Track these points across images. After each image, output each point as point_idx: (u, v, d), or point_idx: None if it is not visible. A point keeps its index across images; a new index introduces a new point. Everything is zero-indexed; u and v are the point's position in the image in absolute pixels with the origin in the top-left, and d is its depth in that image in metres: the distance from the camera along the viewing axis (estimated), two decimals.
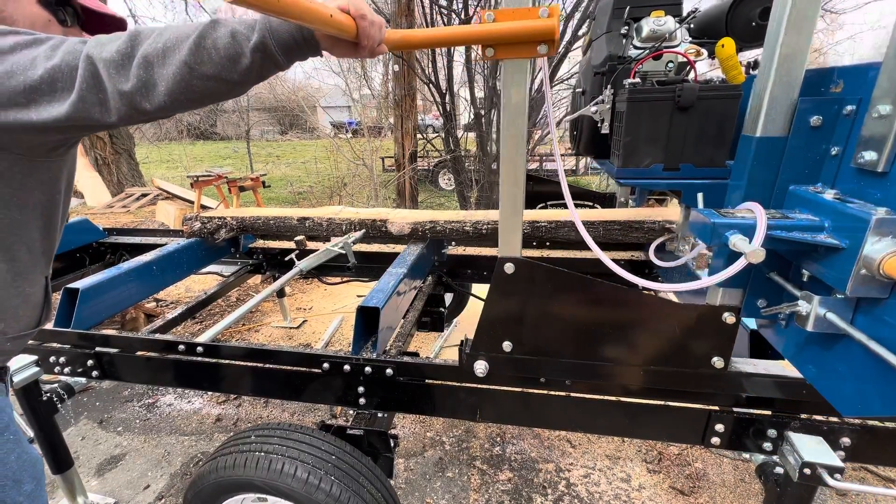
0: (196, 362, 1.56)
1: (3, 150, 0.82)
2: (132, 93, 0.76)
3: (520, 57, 0.96)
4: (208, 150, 18.63)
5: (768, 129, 1.00)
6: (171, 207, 7.02)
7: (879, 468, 2.08)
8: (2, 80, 0.74)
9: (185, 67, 0.76)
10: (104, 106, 0.77)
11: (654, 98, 1.34)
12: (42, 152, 0.88)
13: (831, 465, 1.09)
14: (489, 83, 6.00)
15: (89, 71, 0.75)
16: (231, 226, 2.28)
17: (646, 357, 1.17)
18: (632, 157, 1.40)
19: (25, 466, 0.98)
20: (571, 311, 1.17)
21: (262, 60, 0.78)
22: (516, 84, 1.00)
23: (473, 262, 2.36)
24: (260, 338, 3.38)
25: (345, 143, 8.87)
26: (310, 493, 1.21)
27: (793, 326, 1.03)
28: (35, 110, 0.76)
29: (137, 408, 2.62)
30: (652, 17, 1.53)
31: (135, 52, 0.76)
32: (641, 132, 1.37)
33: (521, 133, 1.02)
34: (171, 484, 2.09)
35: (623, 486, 2.04)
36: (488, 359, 1.26)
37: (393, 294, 1.55)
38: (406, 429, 2.41)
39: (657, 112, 1.35)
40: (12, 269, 0.92)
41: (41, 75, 0.74)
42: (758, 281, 1.07)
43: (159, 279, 2.07)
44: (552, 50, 0.92)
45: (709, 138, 1.34)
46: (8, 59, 0.74)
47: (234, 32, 0.77)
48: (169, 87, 0.76)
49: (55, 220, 1.00)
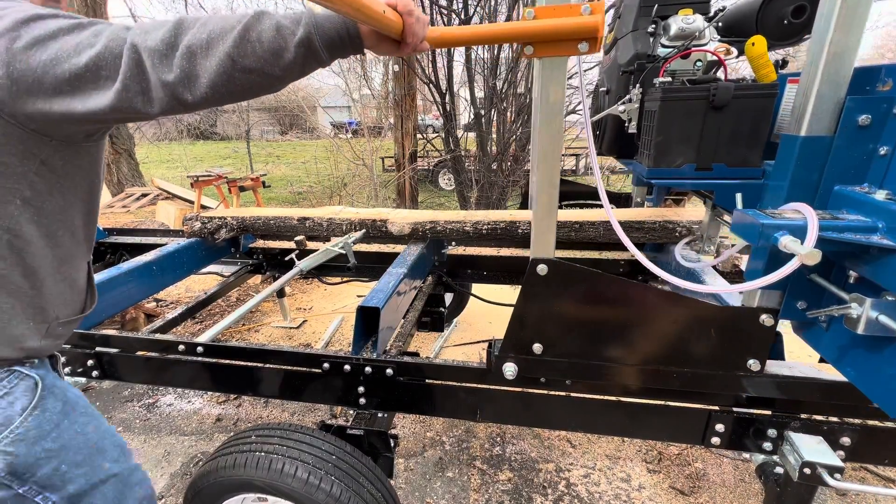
0: (196, 362, 1.56)
1: (45, 137, 0.82)
2: (175, 83, 0.75)
3: (560, 55, 0.93)
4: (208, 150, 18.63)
5: (813, 128, 0.98)
6: (171, 207, 7.02)
7: (879, 468, 2.08)
8: (47, 67, 0.73)
9: (229, 60, 0.74)
10: (146, 96, 0.76)
11: (688, 97, 1.32)
12: (80, 138, 0.88)
13: (831, 465, 1.09)
14: (489, 83, 5.99)
15: (133, 60, 0.73)
16: (231, 226, 2.28)
17: (680, 359, 1.16)
18: (663, 157, 1.39)
19: (105, 436, 1.01)
20: (606, 312, 1.16)
21: (306, 56, 0.77)
22: (555, 82, 0.98)
23: (473, 262, 2.36)
24: (260, 338, 3.38)
25: (345, 143, 8.86)
26: (310, 493, 1.21)
27: (834, 328, 1.02)
28: (79, 99, 0.75)
29: (137, 408, 2.62)
30: (680, 16, 1.52)
31: (179, 41, 0.74)
32: (674, 132, 1.35)
33: (557, 132, 1.01)
34: (171, 484, 2.09)
35: (623, 486, 2.04)
36: (517, 361, 1.25)
37: (393, 294, 1.55)
38: (406, 429, 2.41)
39: (690, 111, 1.33)
40: (58, 255, 0.93)
41: (86, 63, 0.73)
42: (797, 282, 1.05)
43: (159, 279, 2.07)
44: (593, 48, 0.89)
45: (743, 138, 1.33)
46: (51, 46, 0.73)
47: (279, 26, 0.75)
48: (211, 79, 0.75)
49: (95, 205, 1.00)
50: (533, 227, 1.11)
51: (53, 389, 0.94)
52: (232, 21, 0.75)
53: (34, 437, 0.88)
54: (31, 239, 0.87)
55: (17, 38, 0.72)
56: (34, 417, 0.89)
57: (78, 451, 0.94)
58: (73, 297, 1.00)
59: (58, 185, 0.88)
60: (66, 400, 0.96)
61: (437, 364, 1.41)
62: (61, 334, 1.00)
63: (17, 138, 0.79)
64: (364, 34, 0.79)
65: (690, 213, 1.85)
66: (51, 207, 0.88)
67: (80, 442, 0.95)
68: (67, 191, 0.91)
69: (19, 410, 0.87)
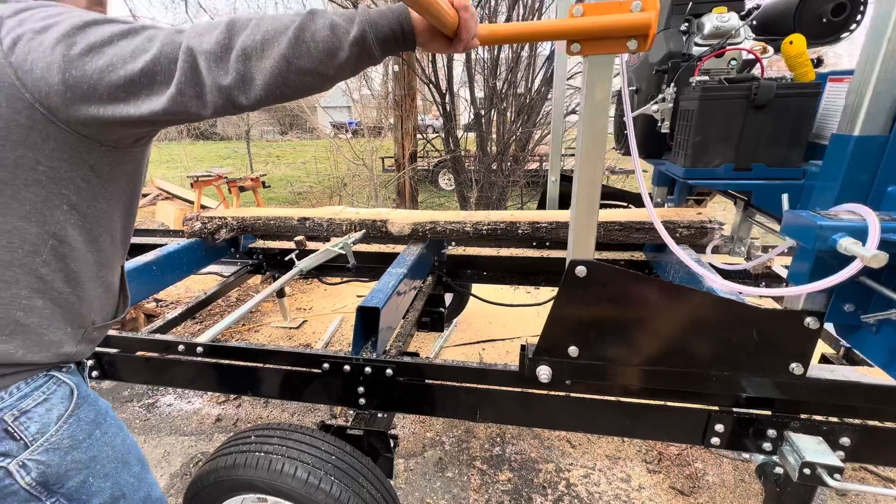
0: (196, 362, 1.56)
1: (95, 143, 0.81)
2: (230, 87, 0.74)
3: (607, 53, 0.91)
4: (208, 150, 18.63)
5: (867, 127, 0.96)
6: (171, 207, 7.02)
7: (879, 468, 2.08)
8: (103, 74, 0.72)
9: (284, 61, 0.73)
10: (201, 99, 0.75)
11: (728, 96, 1.30)
12: (129, 142, 0.87)
13: (831, 465, 1.09)
14: (489, 83, 5.99)
15: (189, 64, 0.73)
16: (231, 226, 2.28)
17: (720, 363, 1.14)
18: (701, 157, 1.37)
19: (131, 449, 0.99)
20: (647, 315, 1.14)
21: (360, 55, 0.77)
22: (601, 81, 0.96)
23: (473, 262, 2.36)
24: (260, 338, 3.38)
25: (345, 143, 8.86)
26: (310, 494, 1.21)
27: (885, 331, 1.01)
28: (133, 104, 0.75)
29: (137, 408, 2.62)
30: (714, 14, 1.50)
31: (233, 43, 0.74)
32: (713, 131, 1.33)
33: (601, 132, 0.99)
34: (170, 484, 2.09)
35: (623, 486, 2.04)
36: (552, 364, 1.23)
37: (393, 294, 1.55)
38: (406, 429, 2.41)
39: (730, 110, 1.31)
40: (98, 260, 0.92)
41: (141, 68, 0.72)
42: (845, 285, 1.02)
43: (159, 279, 2.07)
44: (643, 45, 0.87)
45: (784, 137, 1.31)
46: (107, 52, 0.72)
47: (334, 25, 0.74)
48: (266, 81, 0.75)
49: (135, 209, 1.00)
50: (572, 229, 1.08)
51: (87, 398, 0.92)
52: (285, 21, 0.75)
53: (67, 447, 0.86)
54: (75, 244, 0.86)
55: (74, 44, 0.72)
56: (68, 426, 0.87)
57: (106, 464, 0.92)
58: (108, 302, 0.99)
59: (103, 191, 0.87)
60: (99, 409, 0.94)
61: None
62: (95, 339, 0.99)
63: (69, 144, 0.78)
64: (418, 30, 0.78)
65: (691, 214, 1.85)
66: (95, 212, 0.87)
67: (108, 454, 0.93)
68: (112, 196, 0.90)
69: (55, 418, 0.85)
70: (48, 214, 0.81)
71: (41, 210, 0.79)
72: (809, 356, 1.10)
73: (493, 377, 1.36)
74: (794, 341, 1.09)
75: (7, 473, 0.81)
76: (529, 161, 7.06)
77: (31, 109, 0.73)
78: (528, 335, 3.31)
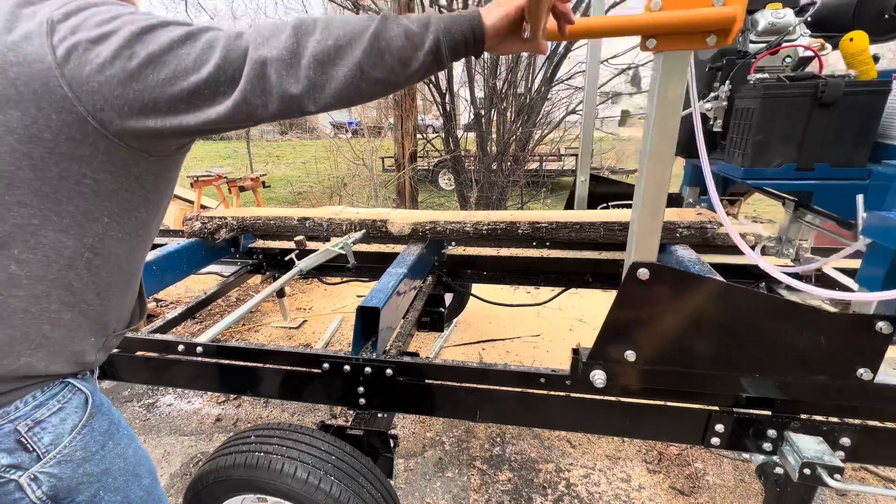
0: (196, 362, 1.56)
1: (143, 153, 0.77)
2: (300, 95, 0.71)
3: (685, 48, 0.88)
4: (208, 149, 18.62)
5: None
6: (172, 207, 7.01)
7: (879, 468, 2.08)
8: (165, 86, 0.69)
9: (358, 69, 0.71)
10: (266, 107, 0.72)
11: (793, 94, 1.27)
12: (174, 150, 0.84)
13: (831, 465, 1.08)
14: (489, 83, 5.99)
15: (256, 72, 0.69)
16: (231, 226, 2.28)
17: (786, 368, 1.11)
18: (761, 157, 1.33)
19: (142, 461, 0.96)
20: (712, 319, 1.11)
21: (431, 63, 0.75)
22: (676, 77, 0.93)
23: (473, 262, 2.36)
24: (260, 338, 3.38)
25: (345, 143, 8.86)
26: (309, 494, 1.21)
27: None
28: (194, 114, 0.71)
29: (137, 408, 2.62)
30: (769, 10, 1.47)
31: (303, 49, 0.70)
32: (775, 130, 1.30)
33: (672, 131, 0.97)
34: (170, 484, 2.09)
35: (623, 486, 2.04)
36: (607, 368, 1.21)
37: (393, 294, 1.55)
38: (406, 429, 2.41)
39: (794, 108, 1.27)
40: (130, 270, 0.90)
41: (205, 79, 0.69)
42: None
43: (159, 279, 2.07)
44: (723, 40, 0.82)
45: (849, 136, 1.27)
46: (168, 62, 0.69)
47: (409, 33, 0.72)
48: (337, 88, 0.72)
49: (163, 215, 0.97)
50: (635, 230, 1.05)
51: (101, 406, 0.89)
52: (357, 26, 0.71)
53: (80, 459, 0.82)
54: (111, 256, 0.82)
55: (133, 55, 0.68)
56: (82, 437, 0.83)
57: (118, 476, 0.89)
58: (128, 309, 0.96)
59: (144, 200, 0.84)
60: (112, 419, 0.91)
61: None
62: (112, 346, 0.96)
63: (118, 156, 0.75)
64: (489, 35, 0.76)
65: (690, 215, 1.85)
66: (135, 222, 0.84)
67: (119, 466, 0.89)
68: (151, 205, 0.87)
69: (69, 429, 0.82)
70: (87, 227, 0.77)
71: (81, 223, 0.76)
72: (879, 361, 1.06)
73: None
74: (863, 346, 1.05)
75: (18, 487, 0.77)
76: (529, 161, 7.06)
77: (82, 122, 0.69)
78: (527, 335, 3.31)
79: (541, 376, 1.32)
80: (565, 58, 5.87)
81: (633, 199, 1.06)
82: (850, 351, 1.07)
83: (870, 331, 1.03)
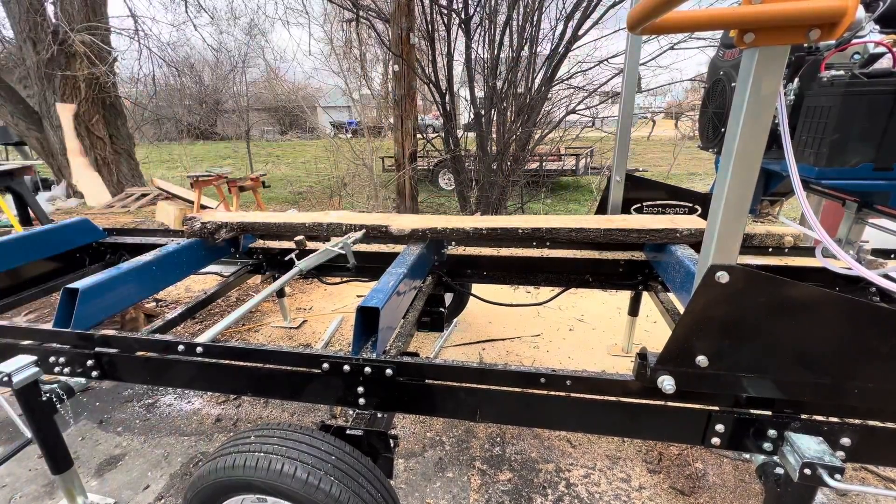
0: (196, 362, 1.56)
1: None
2: None
3: (785, 43, 0.84)
4: (208, 150, 18.62)
5: None
6: (171, 207, 7.02)
7: (879, 468, 2.08)
8: None
9: None
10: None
11: (875, 91, 1.24)
12: None
13: (831, 465, 1.08)
14: (489, 83, 5.99)
15: None
16: (231, 226, 2.28)
17: (866, 373, 1.08)
18: (838, 156, 1.29)
19: None
20: (796, 324, 1.07)
21: None
22: (771, 74, 0.89)
23: (473, 262, 2.36)
24: (260, 338, 3.38)
25: (345, 143, 8.86)
26: (309, 494, 1.21)
27: None
28: None
29: (137, 408, 2.62)
30: None
31: None
32: (854, 128, 1.26)
33: (763, 129, 0.93)
34: (170, 484, 2.09)
35: (623, 486, 2.04)
36: (676, 374, 1.17)
37: (393, 294, 1.55)
38: (406, 429, 2.41)
39: (875, 106, 1.24)
40: None
41: None
42: None
43: (159, 279, 2.07)
44: (828, 34, 0.79)
45: None
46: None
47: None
48: None
49: None
50: (713, 232, 1.03)
51: None
52: None
53: None
54: None
55: None
56: None
57: None
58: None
59: None
60: None
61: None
62: None
63: None
64: None
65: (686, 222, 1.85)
66: None
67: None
68: None
69: None
70: None
71: None
72: None
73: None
74: None
75: None
76: (529, 161, 7.06)
77: None
78: (527, 335, 3.31)
79: (541, 376, 1.32)
80: (565, 58, 5.87)
81: (713, 199, 1.03)
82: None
83: None
